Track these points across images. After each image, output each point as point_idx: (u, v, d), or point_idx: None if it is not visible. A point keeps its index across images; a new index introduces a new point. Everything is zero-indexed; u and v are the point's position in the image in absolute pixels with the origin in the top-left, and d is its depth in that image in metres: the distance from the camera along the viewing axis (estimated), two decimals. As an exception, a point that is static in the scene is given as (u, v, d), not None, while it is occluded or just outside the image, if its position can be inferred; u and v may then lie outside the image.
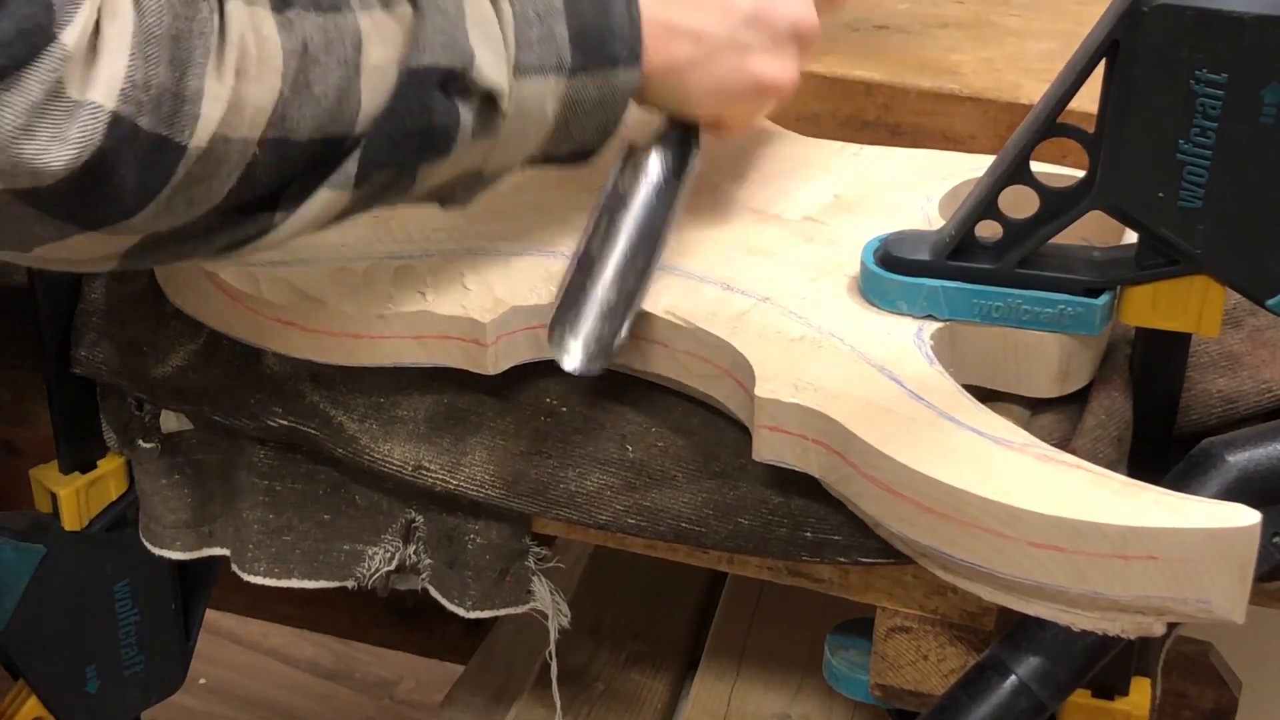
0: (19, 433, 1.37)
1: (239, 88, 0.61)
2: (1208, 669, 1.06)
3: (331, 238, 0.83)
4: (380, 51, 0.65)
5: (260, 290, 0.80)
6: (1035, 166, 0.72)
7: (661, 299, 0.77)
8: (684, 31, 0.74)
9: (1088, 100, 0.70)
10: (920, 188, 0.85)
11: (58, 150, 0.57)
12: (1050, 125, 0.71)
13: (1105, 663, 0.72)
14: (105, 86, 0.57)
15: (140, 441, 0.89)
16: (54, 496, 0.93)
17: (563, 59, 0.70)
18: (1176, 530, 0.62)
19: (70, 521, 0.94)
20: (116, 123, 0.58)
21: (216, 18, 0.60)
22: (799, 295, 0.77)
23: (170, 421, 0.89)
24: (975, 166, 0.83)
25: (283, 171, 0.64)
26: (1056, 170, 0.79)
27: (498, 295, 0.78)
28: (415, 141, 0.67)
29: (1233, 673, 1.07)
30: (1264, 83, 0.65)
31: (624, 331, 0.73)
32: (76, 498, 0.93)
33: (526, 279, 0.79)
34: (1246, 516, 0.62)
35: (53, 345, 0.89)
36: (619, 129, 0.74)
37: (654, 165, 0.78)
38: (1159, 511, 0.63)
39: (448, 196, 0.73)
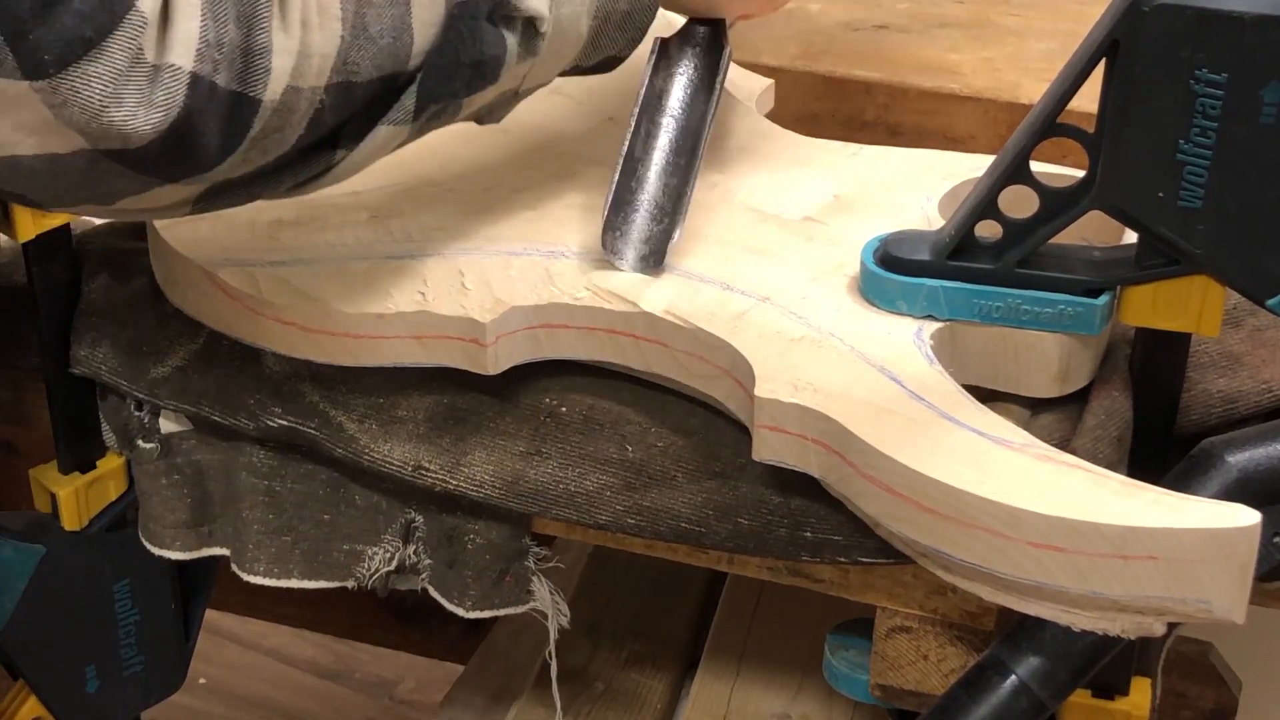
0: (18, 433, 1.36)
1: (304, 38, 0.62)
2: (1208, 669, 1.06)
3: (331, 237, 0.83)
4: None
5: (260, 290, 0.79)
6: (1035, 166, 0.72)
7: (661, 299, 0.77)
8: None
9: (1088, 100, 0.70)
10: (920, 188, 0.85)
11: (145, 115, 0.59)
12: (1050, 125, 0.71)
13: (1105, 663, 0.72)
14: (182, 48, 0.59)
15: (140, 441, 0.89)
16: (53, 496, 0.93)
17: None
18: (1176, 530, 0.62)
19: (70, 521, 0.93)
20: (195, 83, 0.59)
21: None
22: (799, 295, 0.77)
23: (170, 422, 0.89)
24: (975, 166, 0.83)
25: (347, 112, 0.66)
26: (1056, 170, 0.79)
27: (497, 295, 0.78)
28: (467, 72, 0.69)
29: (1233, 673, 1.07)
30: (1264, 82, 0.65)
31: (677, 233, 0.74)
32: (76, 498, 0.93)
33: (526, 279, 0.79)
34: (1246, 517, 0.62)
35: (52, 345, 0.89)
36: (645, 36, 0.77)
37: (686, 62, 0.80)
38: (1159, 511, 0.63)
39: (485, 116, 0.75)
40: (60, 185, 0.62)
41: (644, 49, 0.81)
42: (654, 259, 0.75)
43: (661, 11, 0.78)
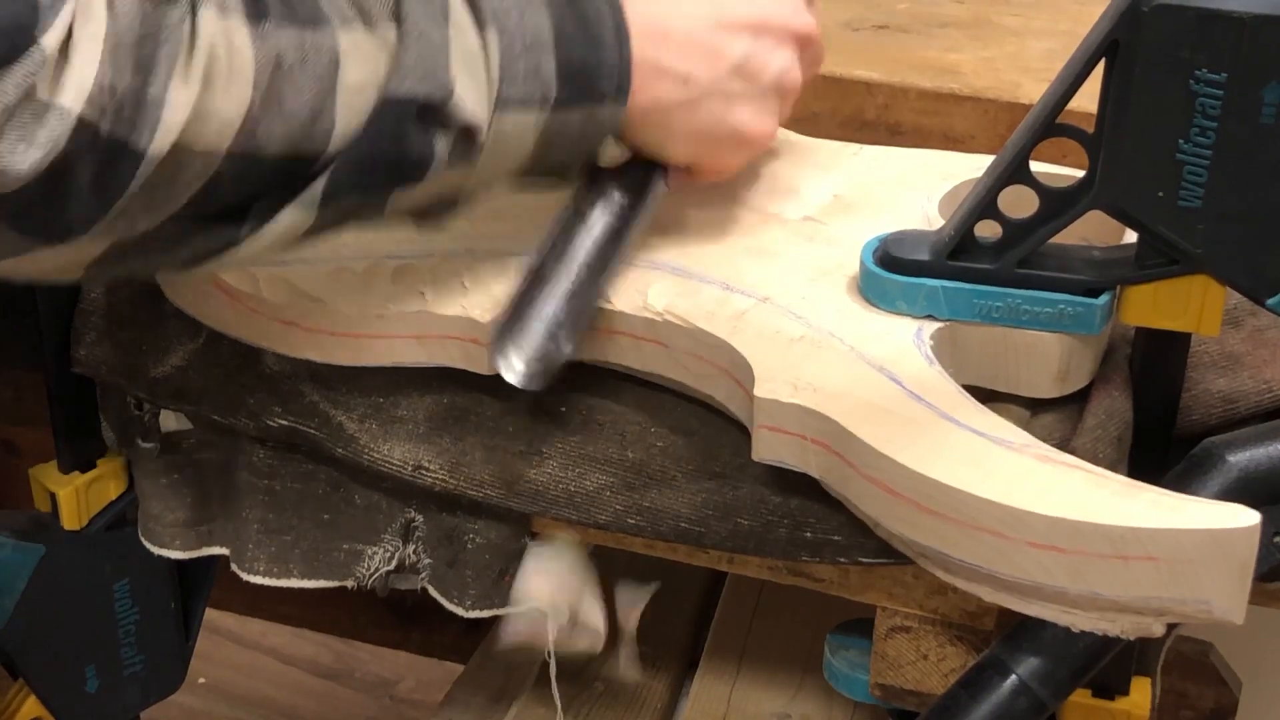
0: (18, 432, 1.36)
1: (205, 96, 0.60)
2: (1208, 669, 1.06)
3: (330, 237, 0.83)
4: (358, 72, 0.64)
5: (260, 290, 0.80)
6: (1035, 166, 0.72)
7: (661, 299, 0.77)
8: (673, 74, 0.74)
9: (1087, 99, 0.70)
10: (920, 187, 0.85)
11: (24, 152, 0.56)
12: (1050, 125, 0.71)
13: (1105, 662, 0.72)
14: (74, 90, 0.57)
15: (140, 441, 0.89)
16: (53, 496, 0.93)
17: (547, 93, 0.69)
18: (1176, 531, 0.62)
19: (70, 521, 0.94)
20: (81, 127, 0.57)
21: (188, 25, 0.59)
22: (799, 295, 0.77)
23: (170, 421, 0.89)
24: (975, 166, 0.83)
25: (249, 186, 0.63)
26: (1056, 170, 0.79)
27: (497, 295, 0.78)
28: (386, 169, 0.66)
29: (1233, 673, 1.07)
30: (1264, 82, 0.65)
31: (569, 351, 0.72)
32: (76, 497, 0.93)
33: (526, 279, 0.79)
34: (1246, 517, 0.62)
35: (52, 344, 0.89)
36: (597, 155, 0.75)
37: (615, 192, 0.78)
38: (1159, 512, 0.63)
39: (421, 218, 0.72)
40: None
41: None
42: (541, 377, 0.72)
43: None
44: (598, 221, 0.77)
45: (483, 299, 0.78)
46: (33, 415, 0.94)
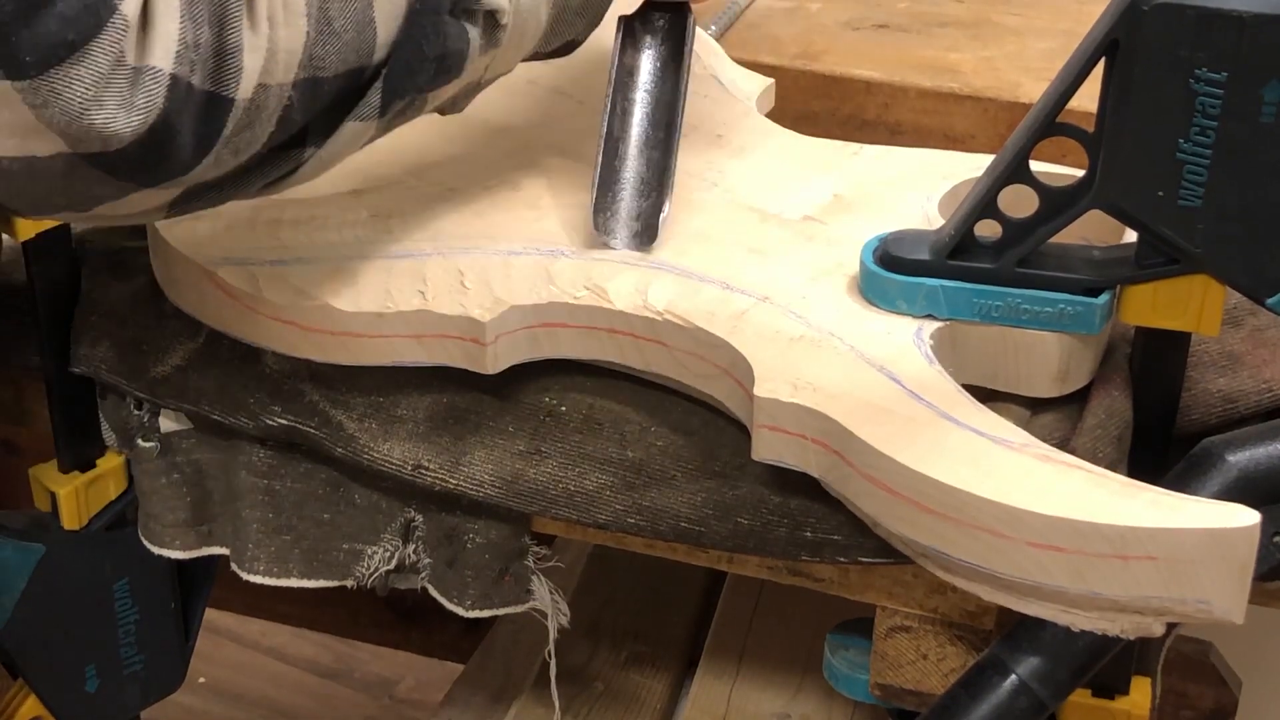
0: (18, 431, 1.36)
1: (272, 35, 0.62)
2: (1208, 669, 1.06)
3: (331, 236, 0.83)
4: None
5: (259, 289, 0.79)
6: (1035, 166, 0.72)
7: (661, 298, 0.77)
8: None
9: (1087, 99, 0.70)
10: (920, 187, 0.85)
11: (126, 117, 0.59)
12: (1050, 124, 0.71)
13: (1105, 662, 0.72)
14: (162, 50, 0.59)
15: (139, 440, 0.89)
16: (53, 495, 0.93)
17: None
18: (1175, 530, 0.62)
19: (69, 520, 0.93)
20: (174, 84, 0.59)
21: None
22: (798, 295, 0.77)
23: (169, 421, 0.89)
24: (975, 166, 0.83)
25: (314, 109, 0.66)
26: (1056, 170, 0.79)
27: (497, 294, 0.78)
28: (431, 67, 0.69)
29: (1233, 672, 1.07)
30: (1264, 81, 0.65)
31: (666, 206, 0.75)
32: (76, 497, 0.93)
33: (525, 278, 0.79)
34: (1246, 517, 0.62)
35: (52, 344, 0.88)
36: (603, 19, 0.77)
37: (652, 37, 0.80)
38: (1158, 512, 0.63)
39: (448, 107, 0.75)
40: (39, 190, 0.61)
41: (607, 31, 0.81)
42: (646, 235, 0.76)
43: None
44: (645, 70, 0.79)
45: (482, 298, 0.78)
46: (33, 415, 0.94)
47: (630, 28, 0.81)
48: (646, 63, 0.80)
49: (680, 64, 0.80)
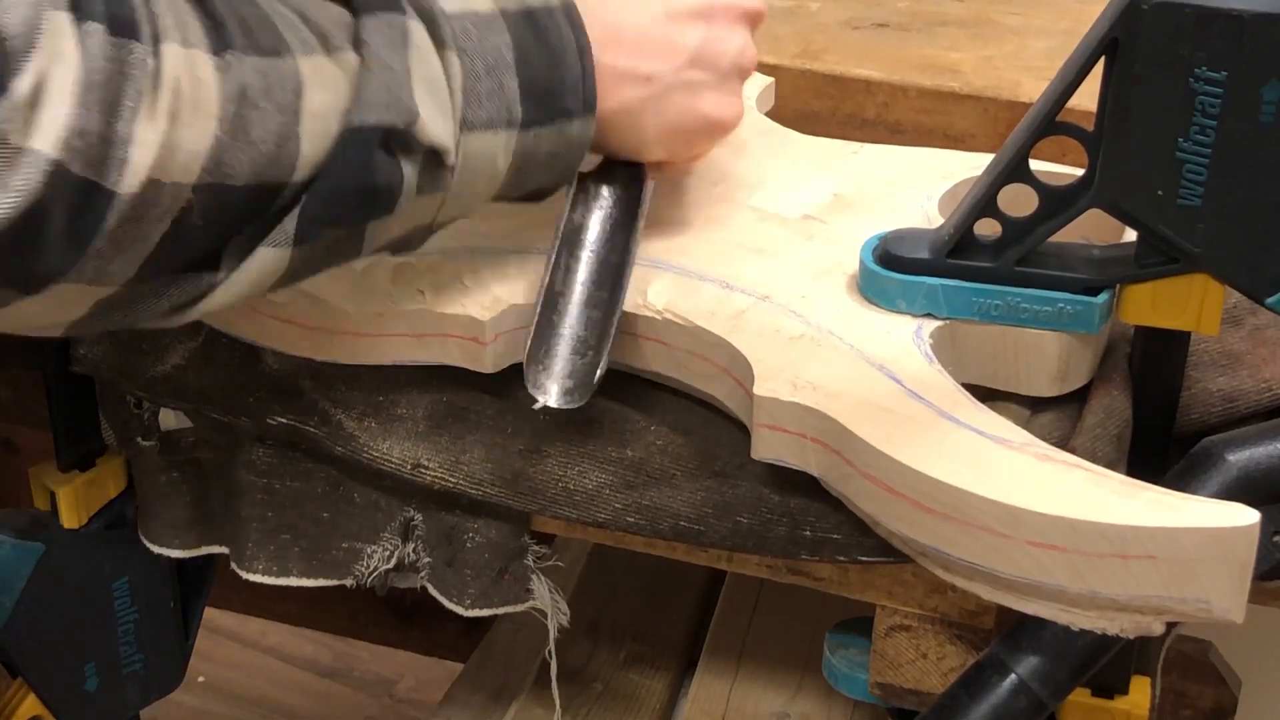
0: (18, 431, 1.37)
1: (171, 131, 0.59)
2: (1208, 668, 1.06)
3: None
4: (321, 98, 0.64)
5: (259, 288, 0.79)
6: (1034, 165, 0.72)
7: (661, 297, 0.77)
8: (634, 76, 0.74)
9: (1087, 98, 0.70)
10: (920, 186, 0.85)
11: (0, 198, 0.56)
12: (1049, 124, 0.71)
13: (1105, 662, 0.72)
14: (47, 134, 0.56)
15: (139, 439, 0.89)
16: (53, 494, 0.93)
17: (513, 113, 0.70)
18: (1175, 530, 0.62)
19: (69, 519, 0.93)
20: (55, 171, 0.57)
21: (152, 61, 0.59)
22: (798, 294, 0.77)
23: (169, 419, 0.89)
24: (975, 165, 0.83)
25: (219, 221, 0.63)
26: (1056, 169, 0.79)
27: (496, 293, 0.78)
28: (357, 199, 0.66)
29: (1233, 672, 1.07)
30: (1263, 81, 0.65)
31: (601, 366, 0.73)
32: (75, 496, 0.93)
33: (525, 277, 0.79)
34: (1245, 516, 0.62)
35: (52, 343, 0.88)
36: (574, 174, 0.75)
37: (605, 195, 0.78)
38: (1158, 511, 0.63)
39: (401, 247, 0.72)
40: None
41: None
42: (579, 392, 0.73)
43: None
44: (594, 230, 0.77)
45: (482, 297, 0.78)
46: (32, 414, 0.94)
47: (584, 185, 0.79)
48: (596, 223, 0.77)
49: (633, 226, 0.78)
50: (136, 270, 0.61)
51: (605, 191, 0.78)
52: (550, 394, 0.73)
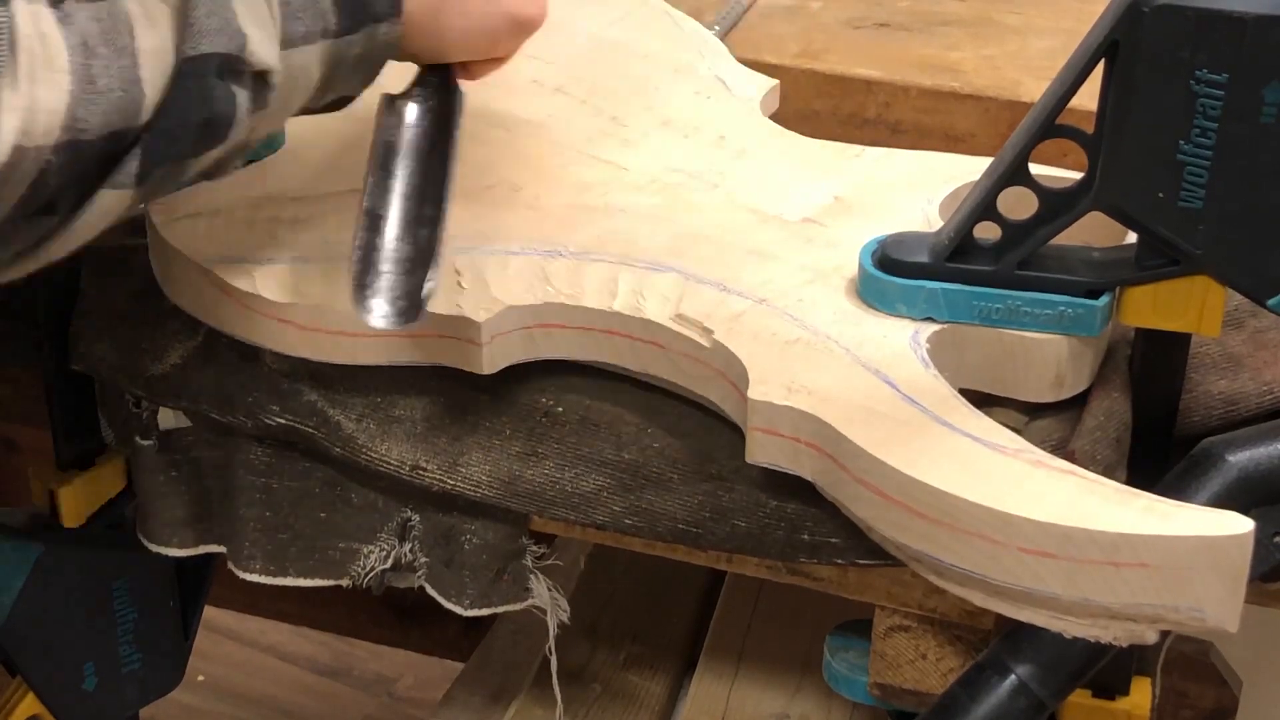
0: (17, 429, 1.37)
1: (32, 93, 0.58)
2: (1208, 668, 1.06)
3: (328, 235, 0.83)
4: (151, 35, 0.62)
5: (257, 288, 0.79)
6: (1034, 168, 0.71)
7: (657, 299, 0.77)
8: None
9: (1087, 98, 0.69)
10: (921, 190, 0.85)
11: None
12: (1049, 126, 0.70)
13: (1105, 662, 0.72)
14: None
15: (138, 439, 0.89)
16: (52, 493, 0.93)
17: (328, 24, 0.69)
18: (1169, 538, 0.62)
19: (68, 519, 0.94)
20: None
21: (3, 18, 0.57)
22: (795, 297, 0.77)
23: (168, 419, 0.89)
24: (976, 169, 0.82)
25: (72, 174, 0.61)
26: (1056, 171, 0.78)
27: (493, 294, 0.78)
28: (196, 132, 0.65)
29: (1233, 672, 1.07)
30: (1265, 82, 0.65)
31: (432, 282, 0.71)
32: (75, 495, 0.93)
33: (522, 278, 0.79)
34: (1239, 525, 0.62)
35: (51, 342, 0.89)
36: (378, 75, 0.74)
37: (413, 111, 0.77)
38: (1151, 518, 0.63)
39: (213, 172, 0.71)
40: None
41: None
42: (410, 312, 0.71)
43: None
44: (406, 146, 0.76)
45: (478, 298, 0.78)
46: (31, 413, 0.94)
47: (391, 105, 0.78)
48: (409, 140, 0.76)
49: (449, 138, 0.76)
50: None
51: (413, 108, 0.78)
52: (378, 313, 0.71)
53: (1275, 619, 0.85)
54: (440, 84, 0.79)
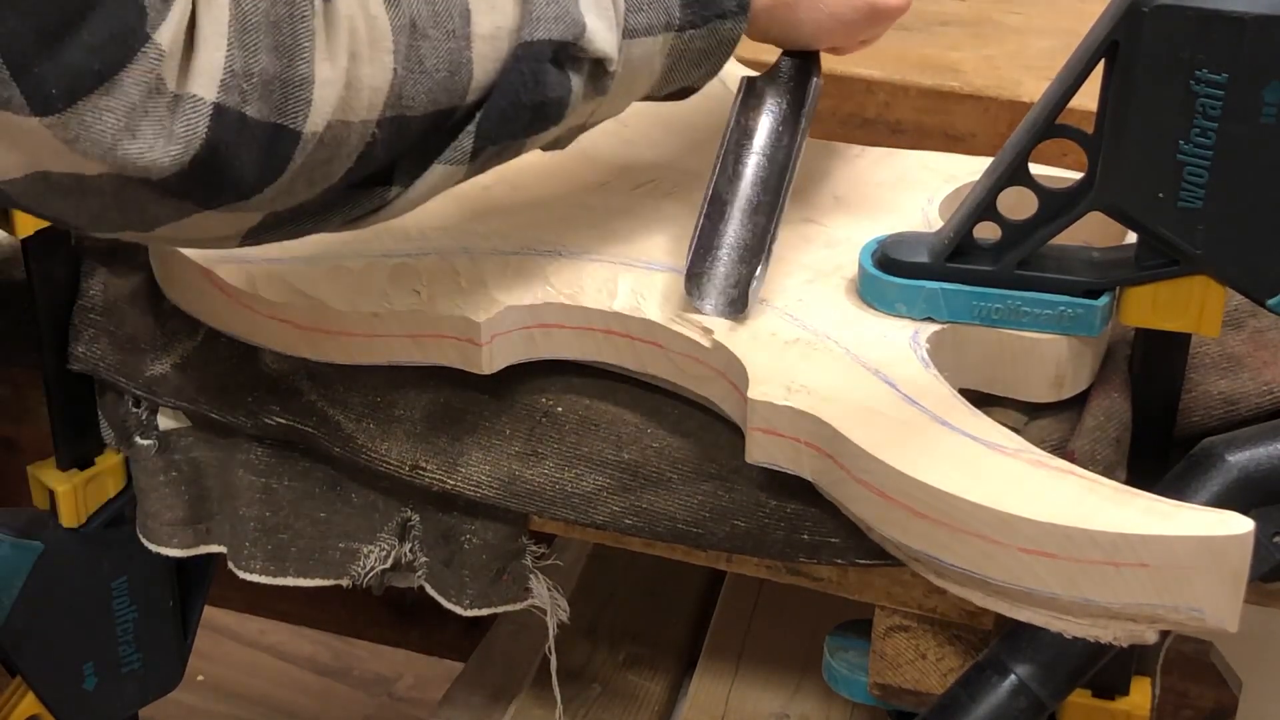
0: (17, 429, 1.36)
1: (352, 70, 0.61)
2: (1208, 668, 1.06)
3: (328, 235, 0.82)
4: (489, 20, 0.65)
5: (256, 288, 0.79)
6: (1034, 168, 0.71)
7: (658, 299, 0.77)
8: None
9: (1087, 98, 0.69)
10: (921, 190, 0.85)
11: (164, 146, 0.57)
12: (1049, 126, 0.70)
13: (1105, 662, 0.72)
14: (205, 78, 0.57)
15: (138, 438, 0.89)
16: (51, 493, 0.93)
17: (671, 18, 0.71)
18: (1168, 538, 0.62)
19: (68, 518, 0.93)
20: (220, 114, 0.58)
21: (320, 1, 0.60)
22: (795, 297, 0.77)
23: (168, 419, 0.89)
24: (977, 169, 0.82)
25: (400, 148, 0.65)
26: (1055, 172, 0.78)
27: (493, 294, 0.78)
28: (528, 114, 0.68)
29: (1233, 672, 1.07)
30: (1264, 82, 0.65)
31: (760, 271, 0.73)
32: (74, 494, 0.93)
33: (522, 278, 0.79)
34: (1239, 525, 0.62)
35: (51, 342, 0.88)
36: (721, 69, 0.75)
37: (774, 99, 0.78)
38: (1151, 519, 0.63)
39: (549, 146, 0.74)
40: (92, 206, 0.60)
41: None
42: (740, 303, 0.73)
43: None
44: (763, 136, 0.77)
45: (478, 298, 0.78)
46: (31, 412, 0.94)
47: (753, 88, 0.78)
48: (764, 126, 0.77)
49: (797, 128, 0.77)
50: (319, 194, 0.63)
51: (772, 94, 0.78)
52: (712, 303, 0.73)
53: (1275, 619, 0.85)
54: (801, 66, 0.78)
